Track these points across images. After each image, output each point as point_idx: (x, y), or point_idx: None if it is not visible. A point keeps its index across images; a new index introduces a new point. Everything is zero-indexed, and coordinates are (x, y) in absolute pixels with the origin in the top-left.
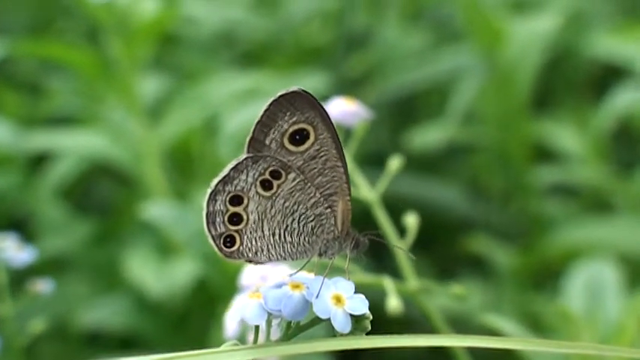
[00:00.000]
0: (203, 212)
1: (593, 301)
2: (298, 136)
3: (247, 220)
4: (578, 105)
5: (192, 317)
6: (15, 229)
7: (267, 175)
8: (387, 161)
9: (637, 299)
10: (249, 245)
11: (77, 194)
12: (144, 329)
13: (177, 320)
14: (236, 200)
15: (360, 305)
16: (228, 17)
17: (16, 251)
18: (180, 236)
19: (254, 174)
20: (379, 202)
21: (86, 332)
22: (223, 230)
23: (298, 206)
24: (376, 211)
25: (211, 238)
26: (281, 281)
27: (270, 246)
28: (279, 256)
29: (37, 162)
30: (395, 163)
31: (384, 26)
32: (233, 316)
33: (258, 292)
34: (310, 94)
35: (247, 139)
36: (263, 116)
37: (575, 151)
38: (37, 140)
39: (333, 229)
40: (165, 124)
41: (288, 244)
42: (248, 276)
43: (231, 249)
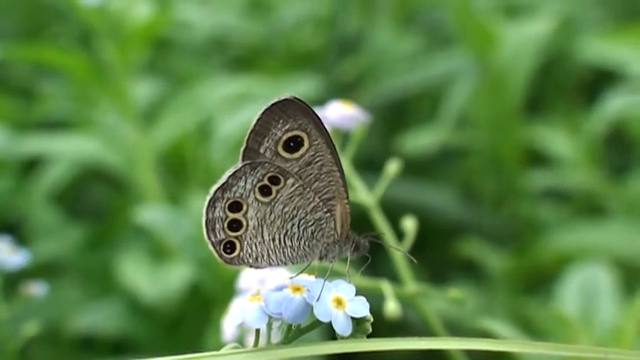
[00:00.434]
0: (202, 219)
1: (587, 305)
2: (292, 144)
3: (247, 226)
4: (570, 109)
5: (185, 322)
6: (8, 234)
7: (265, 181)
8: (379, 166)
9: (636, 303)
10: (250, 251)
11: (70, 199)
12: (137, 334)
13: (170, 325)
14: (235, 207)
15: (361, 308)
16: (221, 22)
17: (9, 254)
18: (174, 240)
19: (252, 180)
20: (377, 206)
21: (79, 337)
22: (223, 237)
23: (297, 211)
24: (374, 215)
25: (211, 244)
26: (282, 284)
27: (270, 251)
28: (280, 261)
29: (29, 166)
30: (393, 167)
31: (376, 30)
32: (233, 320)
33: (258, 295)
34: (302, 101)
35: (242, 149)
36: (256, 125)
37: (567, 156)
38: (30, 144)
39: (332, 232)
40: (158, 128)
41: (289, 249)
42: (246, 279)
43: (232, 255)
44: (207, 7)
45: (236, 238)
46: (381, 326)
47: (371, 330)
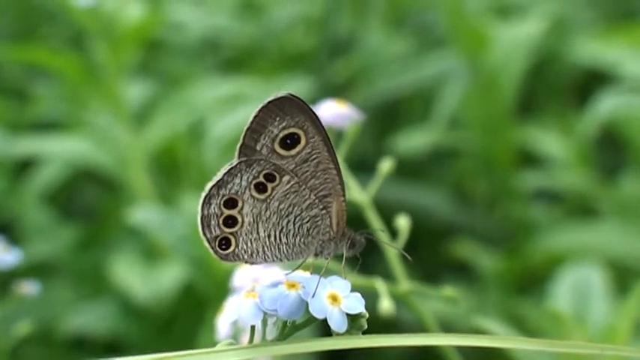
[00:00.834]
0: (198, 216)
1: (580, 305)
2: (289, 141)
3: (242, 222)
4: (561, 110)
5: (178, 322)
6: (0, 234)
7: (261, 178)
8: (371, 167)
9: (629, 301)
10: (245, 247)
11: (63, 199)
12: (130, 334)
13: (163, 325)
14: (231, 203)
15: (356, 304)
16: (213, 23)
17: (1, 253)
18: (167, 240)
19: (248, 177)
20: (370, 205)
21: (71, 337)
22: (218, 233)
23: (293, 208)
24: (368, 214)
25: (206, 240)
26: (277, 280)
27: (265, 247)
28: (275, 257)
29: (22, 167)
30: (386, 165)
31: (367, 32)
32: (227, 317)
33: (253, 291)
34: (299, 99)
35: (238, 146)
36: (252, 123)
37: (559, 157)
38: (22, 145)
39: (328, 229)
40: (150, 129)
41: (284, 246)
42: (240, 277)
43: (227, 251)
44: (199, 8)
45: (231, 234)
46: (374, 325)
47: (366, 326)
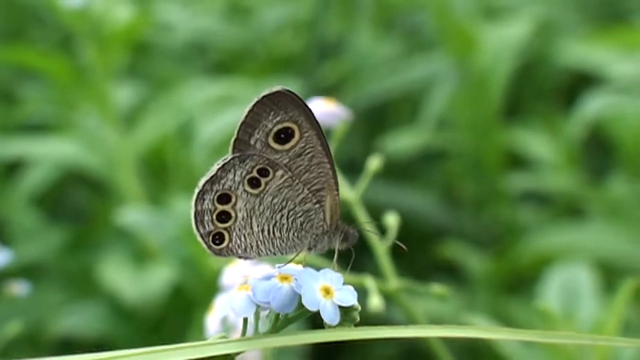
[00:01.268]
0: (191, 211)
1: (569, 305)
2: (283, 135)
3: (236, 217)
4: (549, 112)
5: (167, 323)
6: None
7: (254, 173)
8: (359, 169)
9: (617, 298)
10: (239, 242)
11: (51, 201)
12: (119, 336)
13: (152, 326)
14: (224, 199)
15: (348, 296)
16: (201, 26)
17: None
18: (156, 242)
19: (241, 172)
20: (359, 202)
21: (60, 339)
22: (212, 228)
23: (287, 203)
24: (357, 211)
25: (200, 236)
26: (269, 273)
27: (259, 242)
28: (269, 252)
29: (11, 169)
30: (374, 163)
31: (356, 34)
32: (219, 311)
33: (246, 284)
34: (294, 93)
35: (232, 140)
36: (247, 117)
37: (547, 159)
38: (10, 148)
39: (322, 223)
40: (139, 131)
41: (278, 240)
42: (230, 276)
43: (220, 246)
44: (186, 10)
45: (225, 229)
46: (364, 324)
47: (359, 319)
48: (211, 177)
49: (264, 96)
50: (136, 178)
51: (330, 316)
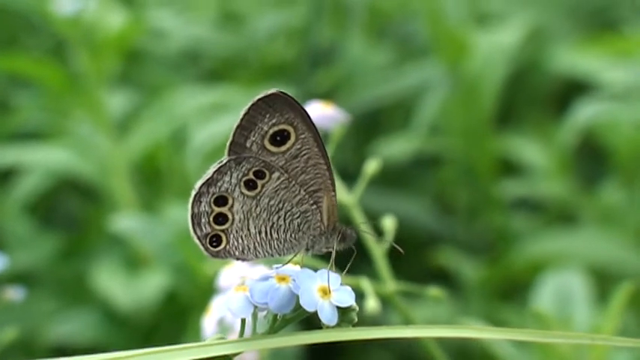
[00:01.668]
0: (188, 214)
1: (563, 310)
2: (279, 137)
3: (233, 219)
4: (541, 119)
5: (161, 329)
6: None
7: (250, 175)
8: (352, 176)
9: (613, 302)
10: (236, 244)
11: (44, 209)
12: (112, 343)
13: (146, 333)
14: (221, 201)
15: (346, 297)
16: (194, 34)
17: None
18: (150, 248)
19: (238, 175)
20: (356, 205)
21: (52, 346)
22: (209, 230)
23: (283, 204)
24: (354, 214)
25: (197, 238)
26: (267, 274)
27: (256, 244)
28: (266, 253)
29: (4, 177)
30: (372, 166)
31: (348, 42)
32: (217, 312)
33: (243, 285)
34: (289, 95)
35: (227, 143)
36: (243, 120)
37: (539, 165)
38: (4, 155)
39: (319, 224)
40: (132, 138)
41: (275, 241)
42: (226, 277)
43: (218, 248)
44: (179, 18)
45: (222, 231)
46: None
47: (356, 320)
48: (208, 179)
49: (260, 98)
50: (129, 184)
51: (328, 316)
